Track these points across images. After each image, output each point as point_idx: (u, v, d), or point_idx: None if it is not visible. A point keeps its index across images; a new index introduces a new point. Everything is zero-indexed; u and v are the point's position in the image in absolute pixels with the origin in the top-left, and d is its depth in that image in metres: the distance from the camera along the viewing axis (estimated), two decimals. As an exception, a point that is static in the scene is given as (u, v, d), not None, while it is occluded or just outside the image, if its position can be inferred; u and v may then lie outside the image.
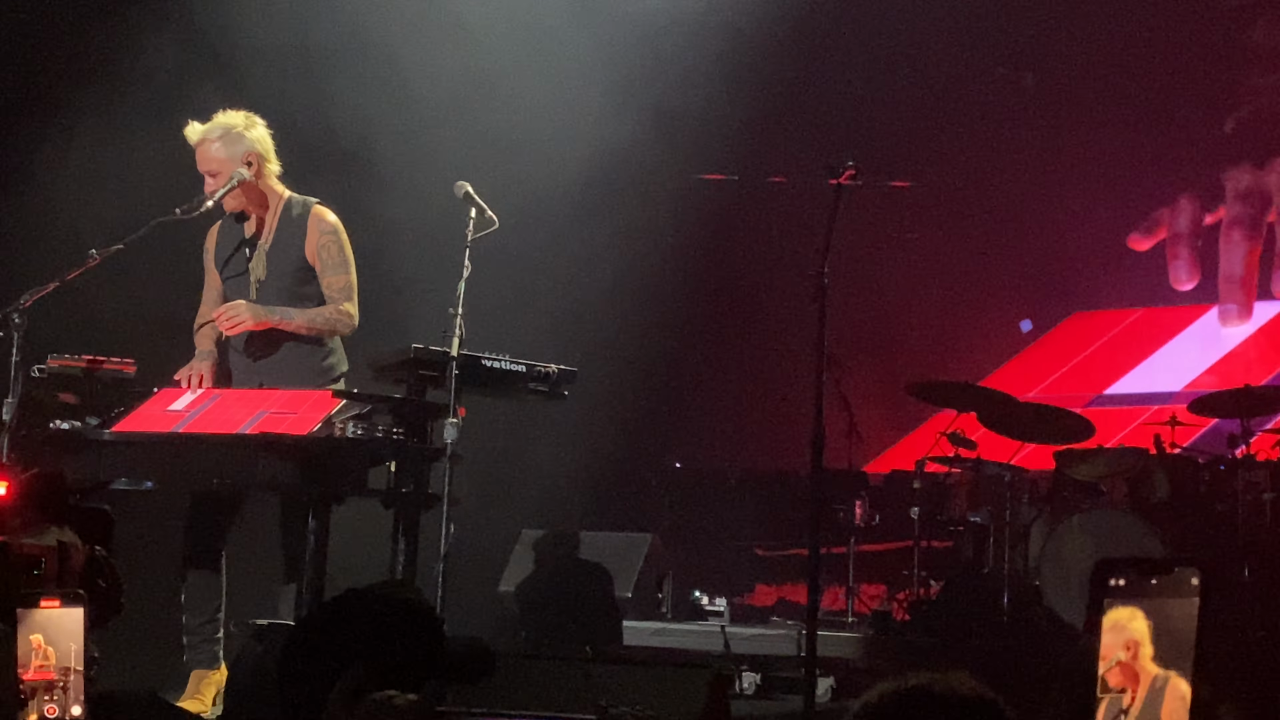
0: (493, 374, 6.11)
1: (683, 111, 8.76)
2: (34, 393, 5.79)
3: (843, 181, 6.08)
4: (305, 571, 5.66)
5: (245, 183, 6.12)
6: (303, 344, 6.18)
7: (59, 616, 2.10)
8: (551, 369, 6.28)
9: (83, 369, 5.87)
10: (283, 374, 6.13)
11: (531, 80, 8.43)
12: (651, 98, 8.62)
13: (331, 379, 6.18)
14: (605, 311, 8.72)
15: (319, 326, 6.15)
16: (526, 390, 6.26)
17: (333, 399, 5.72)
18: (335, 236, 6.20)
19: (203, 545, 6.04)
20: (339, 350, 6.28)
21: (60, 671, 2.09)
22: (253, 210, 6.24)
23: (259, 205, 6.24)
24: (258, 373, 6.19)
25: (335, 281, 6.17)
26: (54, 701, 2.09)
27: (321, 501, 5.70)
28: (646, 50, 8.60)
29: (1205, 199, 10.09)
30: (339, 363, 6.25)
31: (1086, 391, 9.95)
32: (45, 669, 2.08)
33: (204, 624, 5.99)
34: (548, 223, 8.30)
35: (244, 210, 6.23)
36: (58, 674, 2.09)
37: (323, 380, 6.13)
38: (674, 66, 8.66)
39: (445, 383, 5.85)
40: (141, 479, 5.73)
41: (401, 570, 5.84)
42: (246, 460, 5.68)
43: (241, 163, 6.13)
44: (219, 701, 5.82)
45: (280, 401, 5.77)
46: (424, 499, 5.89)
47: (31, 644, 2.09)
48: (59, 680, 2.09)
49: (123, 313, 6.96)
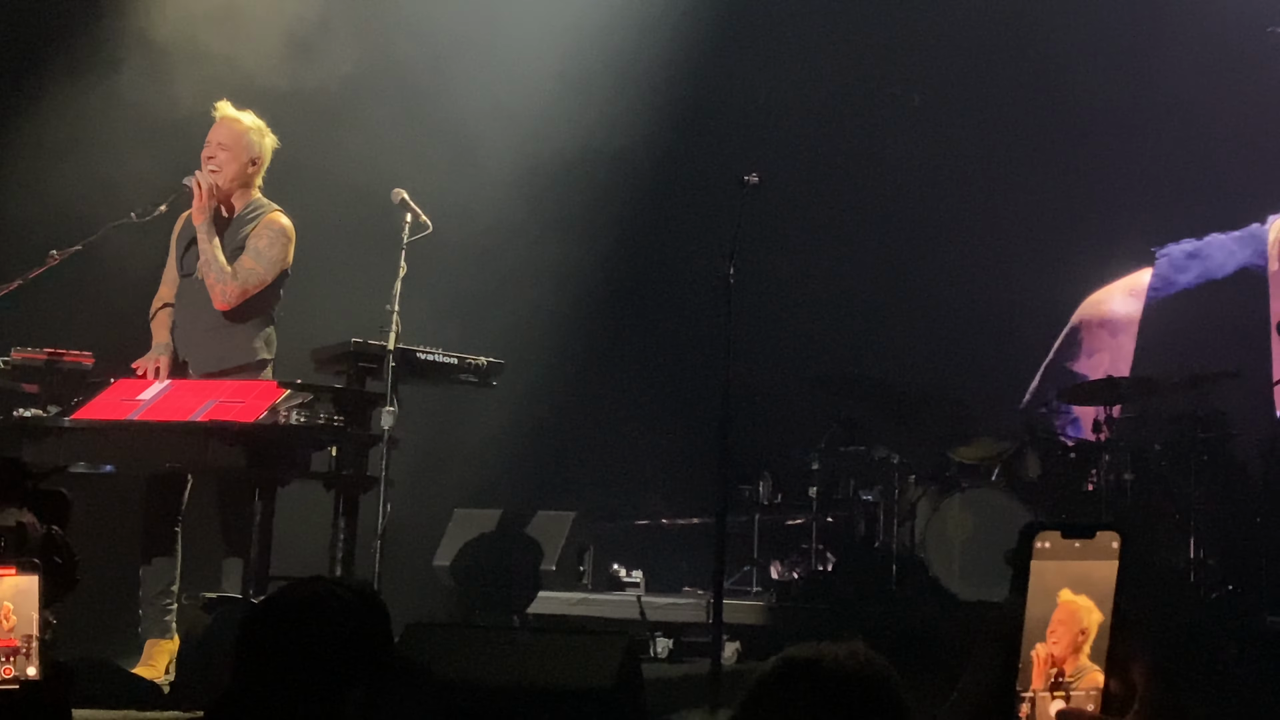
0: (427, 365, 6.13)
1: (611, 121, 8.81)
2: (-1, 383, 5.75)
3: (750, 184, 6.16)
4: (253, 548, 5.65)
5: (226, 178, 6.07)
6: (231, 324, 6.10)
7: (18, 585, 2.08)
8: (481, 361, 6.30)
9: (44, 361, 5.82)
10: (206, 350, 6.07)
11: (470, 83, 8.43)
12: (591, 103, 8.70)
13: (254, 361, 6.11)
14: (532, 307, 8.73)
15: (210, 266, 6.01)
16: (458, 380, 6.28)
17: (278, 389, 5.70)
18: (276, 234, 6.13)
19: (158, 524, 6.00)
20: (266, 338, 6.20)
21: (23, 638, 2.08)
22: (224, 207, 6.18)
23: (233, 203, 6.19)
24: (185, 347, 6.13)
25: (247, 261, 6.08)
26: (12, 664, 2.07)
27: (267, 483, 5.69)
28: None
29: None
30: (263, 348, 6.18)
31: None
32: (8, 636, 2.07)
33: (158, 595, 5.95)
34: (479, 225, 8.28)
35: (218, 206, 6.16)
36: (20, 640, 2.08)
37: (244, 361, 6.06)
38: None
39: (382, 374, 5.85)
40: (100, 463, 5.69)
41: (342, 546, 5.84)
42: (198, 445, 5.65)
43: (247, 159, 6.10)
44: (171, 669, 5.78)
45: (229, 391, 5.75)
46: (363, 481, 5.89)
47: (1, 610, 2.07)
48: (21, 646, 2.08)
49: (81, 308, 6.89)
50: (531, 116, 8.65)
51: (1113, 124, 9.70)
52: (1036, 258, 9.50)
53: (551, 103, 8.68)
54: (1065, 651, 1.43)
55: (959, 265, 9.44)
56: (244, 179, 6.16)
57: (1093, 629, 1.43)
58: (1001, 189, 9.54)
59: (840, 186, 9.53)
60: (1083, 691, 1.44)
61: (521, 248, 8.78)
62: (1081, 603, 1.43)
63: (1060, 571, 1.43)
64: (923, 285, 9.58)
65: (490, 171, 8.52)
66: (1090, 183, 9.69)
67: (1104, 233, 9.71)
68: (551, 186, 8.76)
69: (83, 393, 5.79)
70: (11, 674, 2.08)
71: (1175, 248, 10.08)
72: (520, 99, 8.66)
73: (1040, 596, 1.43)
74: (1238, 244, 9.98)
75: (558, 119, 8.69)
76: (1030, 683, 1.43)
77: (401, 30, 8.39)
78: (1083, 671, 1.43)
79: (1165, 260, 10.11)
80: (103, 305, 6.93)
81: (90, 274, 6.52)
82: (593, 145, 8.81)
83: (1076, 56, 9.56)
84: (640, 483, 9.09)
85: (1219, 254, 10.01)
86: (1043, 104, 9.63)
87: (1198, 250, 10.05)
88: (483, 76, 8.56)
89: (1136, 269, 10.20)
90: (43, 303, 6.39)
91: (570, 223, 8.98)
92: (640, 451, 9.02)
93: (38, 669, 2.09)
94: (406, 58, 8.32)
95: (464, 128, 8.43)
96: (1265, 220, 9.93)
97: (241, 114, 6.18)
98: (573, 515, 8.03)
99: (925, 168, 9.57)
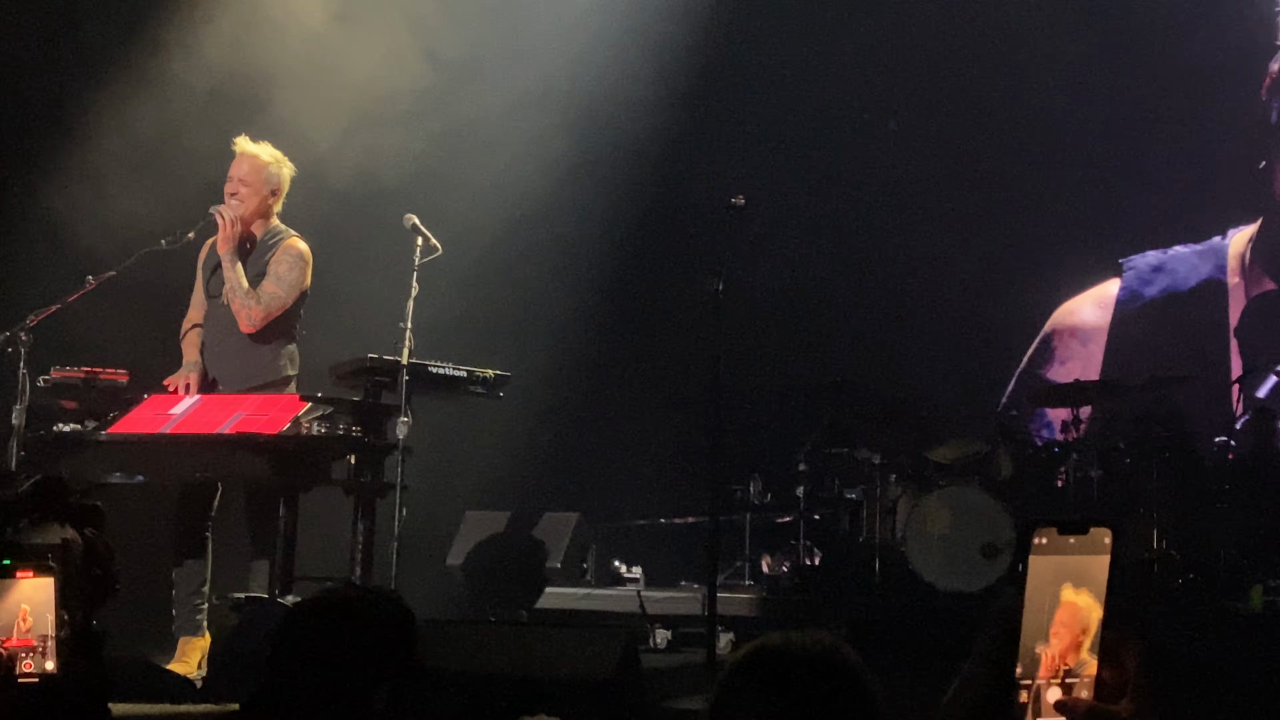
0: (438, 379, 6.14)
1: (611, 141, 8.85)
2: (39, 400, 5.78)
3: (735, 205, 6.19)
4: (278, 551, 5.67)
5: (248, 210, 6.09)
6: (257, 345, 6.12)
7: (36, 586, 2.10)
8: (489, 373, 6.31)
9: (81, 379, 5.85)
10: (234, 370, 6.10)
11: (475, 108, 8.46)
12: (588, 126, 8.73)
13: (279, 378, 6.13)
14: (537, 324, 8.75)
15: (235, 292, 6.04)
16: (468, 392, 6.29)
17: (300, 402, 5.73)
18: (294, 259, 6.14)
19: (190, 529, 6.02)
20: (289, 355, 6.22)
21: (39, 637, 2.10)
22: (245, 235, 6.20)
23: (250, 233, 6.21)
24: (214, 367, 6.16)
25: (269, 286, 6.10)
26: (31, 660, 2.09)
27: (291, 491, 5.71)
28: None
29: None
30: (287, 365, 6.20)
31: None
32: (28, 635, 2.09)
33: (190, 595, 5.97)
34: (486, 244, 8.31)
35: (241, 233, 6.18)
36: (37, 639, 2.10)
37: (270, 378, 6.09)
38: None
39: (397, 387, 5.87)
40: (134, 474, 5.71)
41: (361, 548, 5.86)
42: (225, 456, 5.68)
43: (267, 191, 6.12)
44: (203, 665, 5.80)
45: (255, 405, 5.77)
46: (380, 487, 5.91)
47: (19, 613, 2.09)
48: (38, 645, 2.10)
49: (116, 329, 6.91)
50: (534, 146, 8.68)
51: (1082, 141, 9.73)
52: (1007, 270, 9.53)
53: (555, 131, 8.71)
54: (1068, 647, 1.43)
55: (934, 277, 9.47)
56: (264, 210, 6.18)
57: (1093, 625, 1.43)
58: (975, 204, 9.56)
59: (821, 205, 9.56)
60: (1081, 680, 1.43)
61: (528, 269, 8.81)
62: (1082, 600, 1.43)
63: (1057, 566, 1.42)
64: (900, 296, 9.61)
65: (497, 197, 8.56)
66: (1059, 197, 9.70)
67: (1073, 245, 9.72)
68: (552, 212, 8.78)
69: (118, 408, 5.82)
70: (31, 668, 2.10)
71: (1141, 259, 10.09)
72: (522, 129, 8.69)
73: (1038, 589, 1.43)
74: (1200, 257, 9.99)
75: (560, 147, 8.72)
76: (1032, 672, 1.42)
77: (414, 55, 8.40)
78: (1084, 664, 1.43)
79: (1132, 273, 10.11)
80: (136, 326, 6.95)
81: (124, 297, 6.54)
82: (591, 172, 8.85)
83: (1048, 76, 9.58)
84: (639, 485, 9.10)
85: (1183, 267, 10.02)
86: (1015, 122, 9.64)
87: (1162, 264, 10.06)
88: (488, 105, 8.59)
89: (1104, 279, 10.20)
90: (80, 324, 6.41)
91: (571, 244, 9.01)
92: (638, 456, 9.03)
93: (55, 664, 2.10)
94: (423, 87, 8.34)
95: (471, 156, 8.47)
96: (1226, 234, 9.94)
97: (260, 147, 6.18)
98: (576, 516, 8.04)
99: (901, 186, 9.61)
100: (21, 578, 2.10)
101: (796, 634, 1.61)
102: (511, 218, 8.59)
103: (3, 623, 2.09)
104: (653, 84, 9.01)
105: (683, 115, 9.31)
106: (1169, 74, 9.33)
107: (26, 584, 2.10)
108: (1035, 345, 10.17)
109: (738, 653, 1.63)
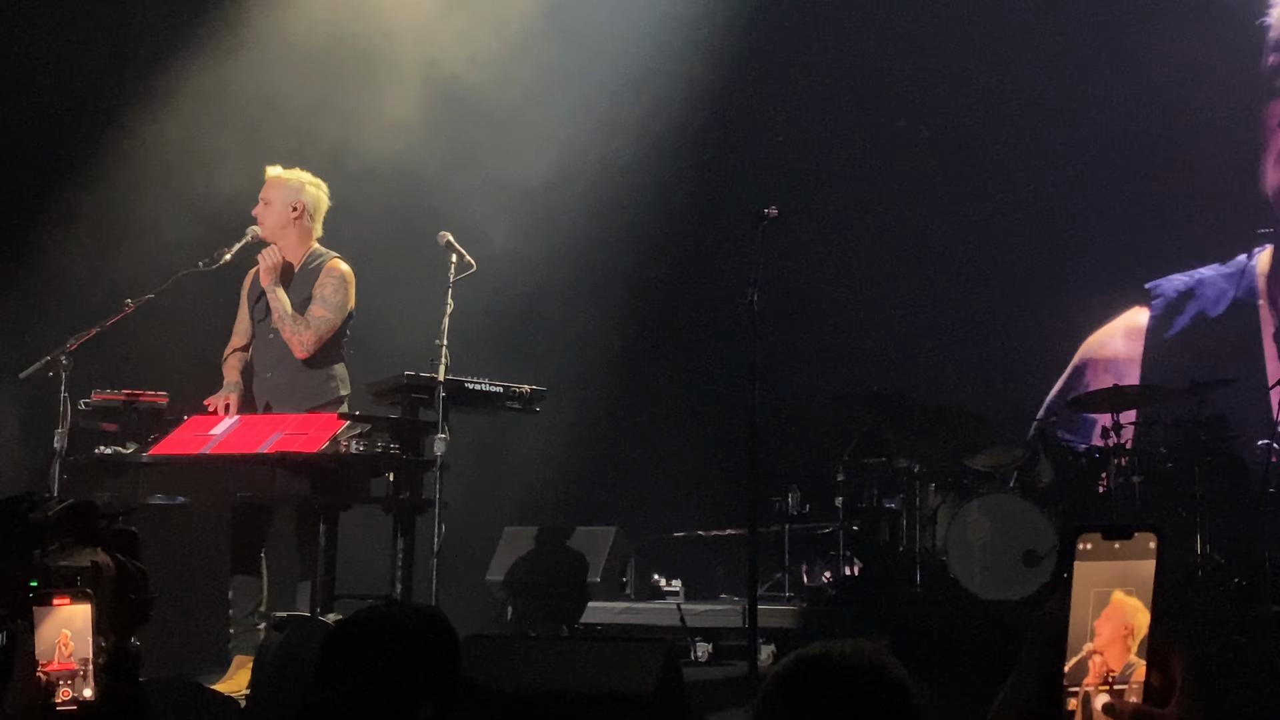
0: (474, 395, 6.14)
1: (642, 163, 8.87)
2: (80, 423, 5.80)
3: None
4: (319, 569, 5.67)
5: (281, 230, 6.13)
6: (309, 369, 6.17)
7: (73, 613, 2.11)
8: (525, 389, 6.30)
9: (122, 401, 5.87)
10: (289, 394, 6.13)
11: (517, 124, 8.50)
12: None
13: (333, 399, 6.16)
14: (571, 336, 8.75)
15: (284, 320, 6.10)
16: (504, 407, 6.28)
17: (338, 420, 5.73)
18: (338, 281, 6.21)
19: (245, 548, 6.05)
20: (340, 375, 6.26)
21: (80, 661, 2.11)
22: (287, 258, 6.24)
23: (293, 255, 6.26)
24: (268, 392, 6.20)
25: (316, 310, 6.16)
26: (70, 686, 2.10)
27: (330, 509, 5.71)
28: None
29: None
30: (339, 385, 6.24)
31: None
32: (68, 660, 2.10)
33: (247, 615, 6.00)
34: (521, 262, 8.32)
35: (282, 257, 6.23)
36: (78, 664, 2.11)
37: (324, 399, 6.12)
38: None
39: (434, 403, 5.87)
40: (175, 495, 5.73)
41: (402, 565, 5.85)
42: (265, 476, 5.69)
43: (288, 206, 6.16)
44: (250, 684, 5.79)
45: (294, 424, 5.78)
46: (419, 504, 5.90)
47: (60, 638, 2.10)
48: (79, 669, 2.11)
49: (155, 352, 6.94)
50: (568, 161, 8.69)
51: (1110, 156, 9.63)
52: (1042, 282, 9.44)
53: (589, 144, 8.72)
54: (1116, 653, 1.41)
55: (970, 288, 9.40)
56: (288, 223, 6.21)
57: (1140, 629, 1.41)
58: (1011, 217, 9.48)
59: (857, 216, 9.51)
60: (1129, 686, 1.42)
61: (563, 282, 8.81)
62: (1129, 605, 1.40)
63: (1102, 571, 1.40)
64: (936, 305, 9.54)
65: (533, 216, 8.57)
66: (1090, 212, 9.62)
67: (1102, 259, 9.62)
68: (588, 230, 8.78)
69: (158, 430, 5.84)
70: (70, 695, 2.10)
71: (1167, 284, 9.93)
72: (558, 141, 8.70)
73: (1083, 596, 1.40)
74: (1227, 280, 9.83)
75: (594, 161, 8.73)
76: (1079, 679, 1.40)
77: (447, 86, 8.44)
78: (1132, 667, 1.41)
79: (1161, 301, 9.97)
80: (175, 349, 6.98)
81: (163, 319, 6.57)
82: (626, 187, 8.85)
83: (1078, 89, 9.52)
84: (677, 498, 9.06)
85: (1211, 291, 9.86)
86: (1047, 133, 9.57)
87: (1190, 289, 9.91)
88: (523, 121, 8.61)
89: (1131, 295, 10.05)
90: (119, 348, 6.44)
91: (605, 258, 9.00)
92: (676, 469, 9.00)
93: (94, 690, 2.11)
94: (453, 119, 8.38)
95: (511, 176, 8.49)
96: (1251, 254, 9.79)
97: (289, 172, 6.27)
98: (615, 530, 8.02)
99: (936, 196, 9.54)
100: (59, 604, 2.11)
101: (838, 645, 1.62)
102: (546, 233, 8.60)
103: (44, 648, 2.10)
104: (686, 97, 9.01)
105: (716, 126, 9.31)
106: (1196, 94, 9.21)
107: (65, 610, 2.11)
108: (1066, 376, 10.02)
109: (779, 664, 1.63)
